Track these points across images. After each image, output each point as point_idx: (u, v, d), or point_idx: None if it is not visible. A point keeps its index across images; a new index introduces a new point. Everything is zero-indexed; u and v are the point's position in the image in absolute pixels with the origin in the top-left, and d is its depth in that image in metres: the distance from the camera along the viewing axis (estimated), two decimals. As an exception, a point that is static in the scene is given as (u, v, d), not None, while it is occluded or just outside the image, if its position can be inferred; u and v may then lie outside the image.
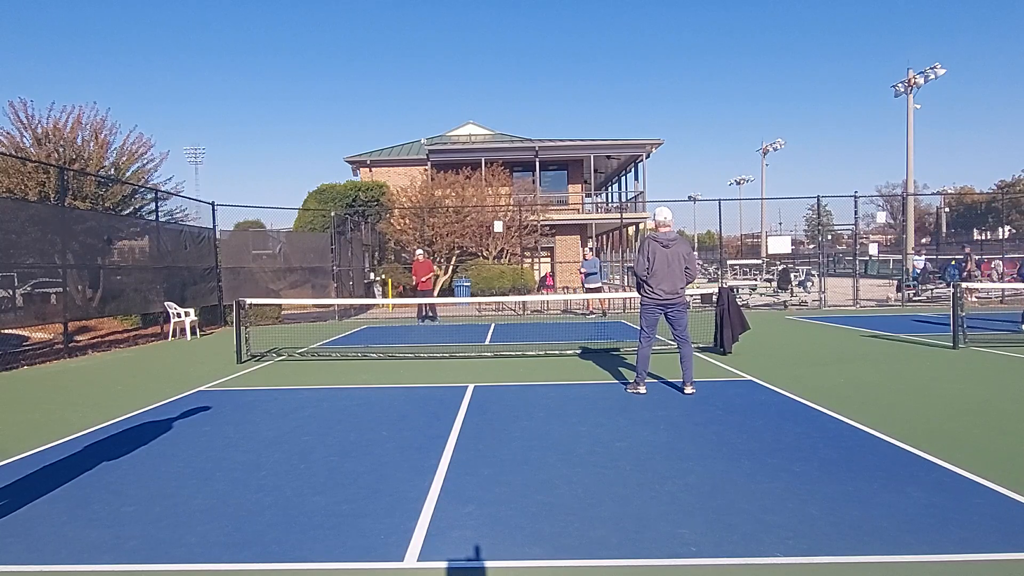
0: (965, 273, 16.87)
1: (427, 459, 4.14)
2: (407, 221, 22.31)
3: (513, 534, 2.95)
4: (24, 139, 13.47)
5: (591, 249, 16.89)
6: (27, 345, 10.93)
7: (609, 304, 18.07)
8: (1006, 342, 9.03)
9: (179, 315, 12.22)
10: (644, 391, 6.07)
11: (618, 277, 24.42)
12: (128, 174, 14.63)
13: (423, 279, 15.06)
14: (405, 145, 29.66)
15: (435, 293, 15.58)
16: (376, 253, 22.38)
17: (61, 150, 13.50)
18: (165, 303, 12.26)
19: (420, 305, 15.27)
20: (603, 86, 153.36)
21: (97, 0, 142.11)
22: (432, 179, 24.00)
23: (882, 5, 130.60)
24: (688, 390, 5.99)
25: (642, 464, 3.95)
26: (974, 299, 16.75)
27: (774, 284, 19.30)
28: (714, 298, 9.10)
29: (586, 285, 15.33)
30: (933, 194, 54.14)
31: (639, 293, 6.21)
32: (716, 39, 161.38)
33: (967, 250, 18.15)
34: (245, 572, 2.65)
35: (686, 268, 6.03)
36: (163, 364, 8.91)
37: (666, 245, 5.99)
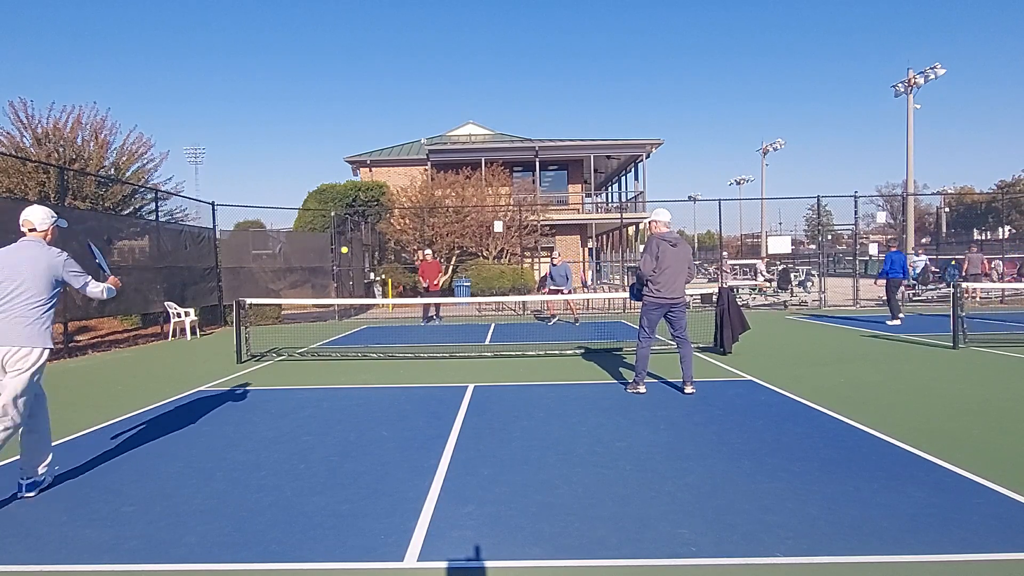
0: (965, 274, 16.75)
1: (427, 459, 4.14)
2: (407, 221, 22.31)
3: (513, 534, 2.95)
4: (24, 139, 13.49)
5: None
6: (27, 345, 10.91)
7: (609, 304, 18.06)
8: (1006, 342, 9.03)
9: (179, 315, 12.22)
10: (644, 391, 6.07)
11: (618, 277, 24.42)
12: (128, 174, 14.65)
13: (434, 281, 14.41)
14: (405, 145, 29.68)
15: (439, 286, 15.15)
16: (376, 253, 22.38)
17: (61, 150, 13.52)
18: (165, 303, 12.26)
19: (425, 305, 14.82)
20: (603, 86, 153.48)
21: (98, 0, 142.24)
22: (432, 179, 24.01)
23: (882, 5, 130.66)
24: (688, 390, 5.98)
25: (642, 464, 3.95)
26: (976, 300, 16.76)
27: (774, 284, 19.29)
28: (714, 298, 9.10)
29: (550, 287, 13.87)
30: (933, 194, 54.14)
31: (637, 294, 6.19)
32: (716, 39, 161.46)
33: (975, 250, 17.68)
34: (245, 572, 2.65)
35: (687, 268, 6.07)
36: (163, 364, 8.91)
37: (674, 244, 5.98)
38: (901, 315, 12.35)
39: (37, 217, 3.67)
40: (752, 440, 4.42)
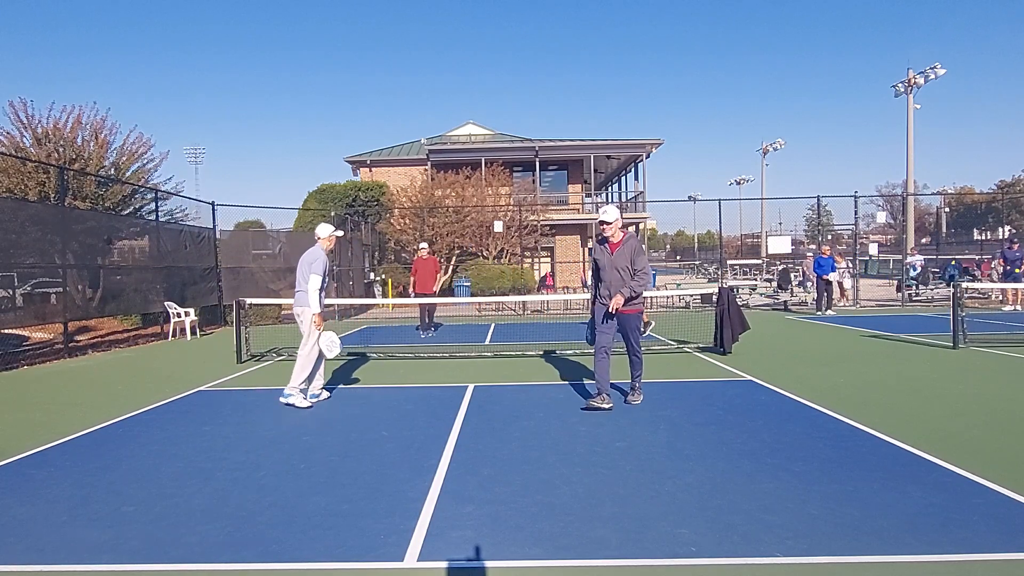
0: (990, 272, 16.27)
1: (427, 459, 4.14)
2: (407, 221, 22.31)
3: (513, 534, 2.95)
4: (24, 139, 13.47)
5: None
6: (27, 345, 10.92)
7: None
8: (1006, 342, 9.02)
9: (179, 315, 12.21)
10: (609, 406, 5.31)
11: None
12: (128, 174, 14.61)
13: (431, 287, 11.80)
14: (405, 145, 29.65)
15: (436, 292, 12.68)
16: (376, 253, 22.38)
17: (61, 150, 13.48)
18: (165, 303, 12.26)
19: (422, 308, 12.20)
20: (603, 85, 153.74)
21: (99, 1, 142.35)
22: (432, 179, 24.00)
23: (882, 5, 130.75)
24: (632, 399, 5.61)
25: (642, 464, 3.95)
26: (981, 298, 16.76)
27: (774, 284, 19.29)
28: (714, 298, 9.10)
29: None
30: (933, 194, 54.10)
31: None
32: (717, 40, 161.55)
33: (1015, 245, 15.82)
34: (245, 572, 2.65)
35: (635, 270, 5.19)
36: (163, 364, 8.90)
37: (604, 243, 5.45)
38: (830, 311, 14.77)
39: (322, 232, 6.01)
40: (752, 440, 4.42)
